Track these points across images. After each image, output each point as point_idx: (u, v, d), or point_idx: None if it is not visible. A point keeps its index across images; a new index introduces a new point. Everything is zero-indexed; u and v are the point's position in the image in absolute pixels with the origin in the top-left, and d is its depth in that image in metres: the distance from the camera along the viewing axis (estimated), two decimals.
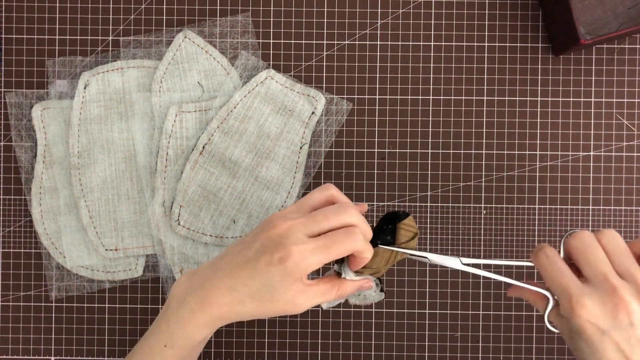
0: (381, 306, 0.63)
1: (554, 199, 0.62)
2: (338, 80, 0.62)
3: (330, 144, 0.62)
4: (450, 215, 0.62)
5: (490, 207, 0.62)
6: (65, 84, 0.62)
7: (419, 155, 0.62)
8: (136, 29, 0.62)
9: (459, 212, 0.62)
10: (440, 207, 0.62)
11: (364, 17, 0.62)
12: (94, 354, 0.63)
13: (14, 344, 0.63)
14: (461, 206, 0.62)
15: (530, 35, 0.62)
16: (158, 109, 0.61)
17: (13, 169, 0.63)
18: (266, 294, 0.47)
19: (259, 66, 0.62)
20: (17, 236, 0.63)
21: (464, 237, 0.62)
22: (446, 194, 0.62)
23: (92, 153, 0.61)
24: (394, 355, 0.62)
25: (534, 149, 0.62)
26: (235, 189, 0.61)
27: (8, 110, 0.62)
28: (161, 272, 0.62)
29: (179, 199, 0.60)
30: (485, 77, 0.62)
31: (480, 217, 0.62)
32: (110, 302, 0.63)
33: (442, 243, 0.62)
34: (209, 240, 0.61)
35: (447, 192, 0.62)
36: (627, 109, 0.62)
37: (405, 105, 0.62)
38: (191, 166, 0.61)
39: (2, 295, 0.63)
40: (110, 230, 0.62)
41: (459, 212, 0.62)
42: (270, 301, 0.47)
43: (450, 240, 0.62)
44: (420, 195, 0.62)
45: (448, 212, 0.62)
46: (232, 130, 0.61)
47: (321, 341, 0.63)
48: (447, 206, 0.62)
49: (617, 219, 0.62)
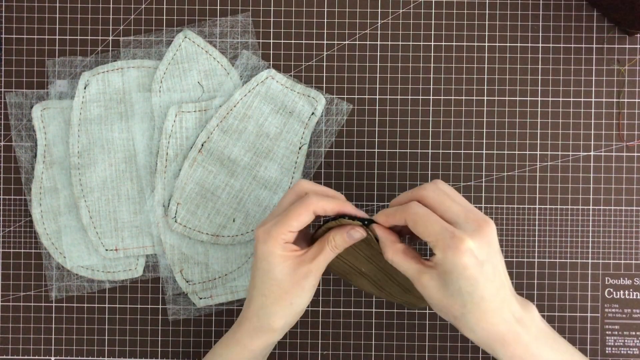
0: (381, 306, 0.62)
1: (554, 199, 0.62)
2: (338, 81, 0.62)
3: (330, 144, 0.62)
4: None
5: (490, 207, 0.62)
6: (65, 84, 0.62)
7: (419, 155, 0.62)
8: (136, 29, 0.62)
9: None
10: None
11: (364, 17, 0.62)
12: (94, 354, 0.63)
13: (14, 344, 0.63)
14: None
15: (531, 35, 0.62)
16: (158, 109, 0.61)
17: (13, 169, 0.63)
18: (270, 284, 0.50)
19: (260, 66, 0.62)
20: (17, 236, 0.63)
21: None
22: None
23: (92, 153, 0.61)
24: (394, 355, 0.62)
25: (534, 149, 0.62)
26: (233, 187, 0.61)
27: (8, 110, 0.62)
28: (161, 272, 0.62)
29: (176, 197, 0.60)
30: (486, 77, 0.62)
31: None
32: (110, 302, 0.63)
33: None
34: (205, 239, 0.61)
35: None
36: (627, 109, 0.62)
37: (405, 105, 0.62)
38: (189, 164, 0.61)
39: (2, 295, 0.63)
40: (110, 230, 0.62)
41: None
42: (279, 287, 0.50)
43: None
44: None
45: None
46: (232, 129, 0.61)
47: (321, 341, 0.63)
48: None
49: (617, 219, 0.62)
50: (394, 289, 0.55)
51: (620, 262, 0.62)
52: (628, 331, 0.62)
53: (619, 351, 0.62)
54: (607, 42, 0.62)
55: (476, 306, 0.47)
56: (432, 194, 0.49)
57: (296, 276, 0.50)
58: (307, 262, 0.50)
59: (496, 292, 0.47)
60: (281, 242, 0.49)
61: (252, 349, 0.53)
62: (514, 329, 0.48)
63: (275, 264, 0.50)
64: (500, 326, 0.47)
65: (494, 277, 0.47)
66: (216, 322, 0.63)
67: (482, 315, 0.47)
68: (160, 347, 0.63)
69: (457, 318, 0.48)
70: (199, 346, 0.63)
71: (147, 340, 0.63)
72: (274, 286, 0.50)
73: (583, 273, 0.62)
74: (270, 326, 0.51)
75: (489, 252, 0.46)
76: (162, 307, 0.63)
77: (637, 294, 0.62)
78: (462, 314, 0.47)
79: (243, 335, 0.53)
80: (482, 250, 0.46)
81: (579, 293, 0.62)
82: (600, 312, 0.62)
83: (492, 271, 0.46)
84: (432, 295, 0.48)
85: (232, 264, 0.62)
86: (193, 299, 0.62)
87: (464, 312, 0.47)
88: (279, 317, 0.51)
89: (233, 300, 0.62)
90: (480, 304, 0.47)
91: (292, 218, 0.49)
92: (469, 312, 0.47)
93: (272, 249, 0.49)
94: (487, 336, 0.48)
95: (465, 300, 0.47)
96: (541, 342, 0.49)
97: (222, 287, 0.62)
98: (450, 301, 0.47)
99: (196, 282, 0.62)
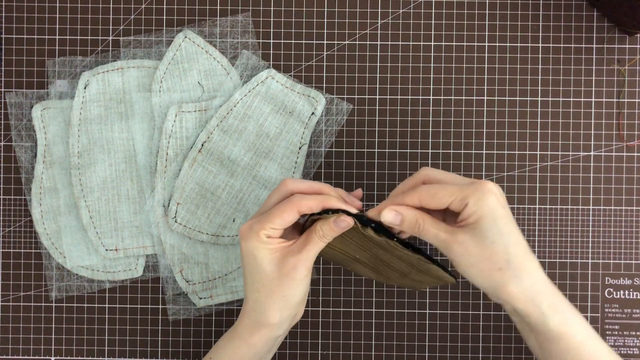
0: (381, 306, 0.62)
1: (554, 199, 0.62)
2: (338, 81, 0.62)
3: (330, 144, 0.62)
4: None
5: None
6: (65, 84, 0.62)
7: (419, 155, 0.62)
8: (136, 29, 0.62)
9: None
10: None
11: (364, 17, 0.62)
12: (94, 354, 0.63)
13: (14, 344, 0.63)
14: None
15: (531, 35, 0.62)
16: (158, 109, 0.61)
17: (13, 169, 0.63)
18: (261, 279, 0.50)
19: (260, 66, 0.62)
20: (17, 236, 0.63)
21: None
22: None
23: (92, 153, 0.61)
24: (394, 355, 0.62)
25: (534, 149, 0.62)
26: (233, 187, 0.61)
27: (8, 110, 0.62)
28: (161, 272, 0.62)
29: (176, 196, 0.60)
30: (486, 77, 0.62)
31: None
32: (110, 302, 0.63)
33: None
34: (205, 239, 0.61)
35: None
36: (627, 109, 0.62)
37: (405, 105, 0.62)
38: (189, 164, 0.61)
39: (2, 295, 0.63)
40: (110, 230, 0.62)
41: None
42: (270, 281, 0.50)
43: None
44: None
45: None
46: (232, 129, 0.61)
47: (321, 341, 0.63)
48: None
49: (617, 219, 0.62)
50: (391, 274, 0.55)
51: (620, 262, 0.62)
52: (628, 331, 0.62)
53: (619, 351, 0.62)
54: (607, 42, 0.62)
55: (518, 246, 0.47)
56: (432, 172, 0.50)
57: (285, 268, 0.50)
58: (295, 252, 0.50)
59: (520, 236, 0.48)
60: (263, 237, 0.49)
61: (252, 344, 0.53)
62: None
63: (261, 258, 0.50)
64: (540, 270, 0.48)
65: (513, 225, 0.48)
66: (216, 322, 0.63)
67: (526, 256, 0.47)
68: (160, 347, 0.63)
69: (502, 269, 0.46)
70: (199, 346, 0.63)
71: (147, 340, 0.63)
72: (264, 279, 0.50)
73: (583, 273, 0.62)
74: (267, 320, 0.51)
75: (503, 203, 0.48)
76: (162, 307, 0.63)
77: (637, 294, 0.62)
78: (506, 261, 0.46)
79: (243, 330, 0.53)
80: (501, 201, 0.47)
81: (579, 293, 0.62)
82: (600, 312, 0.62)
83: (512, 219, 0.48)
84: (471, 251, 0.47)
85: (232, 264, 0.62)
86: (193, 299, 0.62)
87: (509, 259, 0.46)
88: (273, 310, 0.51)
89: (233, 300, 0.62)
90: (518, 244, 0.47)
91: (275, 216, 0.49)
92: (513, 257, 0.46)
93: (255, 244, 0.49)
94: (533, 283, 0.47)
95: (507, 243, 0.46)
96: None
97: (222, 287, 0.62)
98: (493, 249, 0.46)
99: (196, 282, 0.62)
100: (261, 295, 0.51)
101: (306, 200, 0.49)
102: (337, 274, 0.63)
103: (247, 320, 0.53)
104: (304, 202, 0.49)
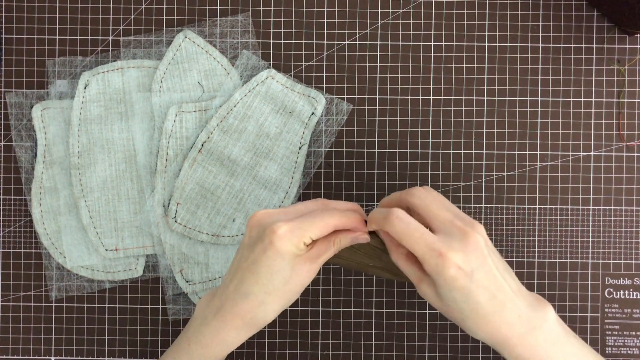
0: (381, 306, 0.62)
1: (554, 199, 0.62)
2: (338, 81, 0.62)
3: (330, 144, 0.62)
4: None
5: (490, 207, 0.62)
6: (65, 84, 0.62)
7: (419, 155, 0.62)
8: (136, 29, 0.62)
9: None
10: None
11: (364, 17, 0.62)
12: (94, 354, 0.63)
13: (14, 344, 0.63)
14: (461, 206, 0.62)
15: (531, 35, 0.62)
16: (158, 109, 0.61)
17: (13, 169, 0.63)
18: (278, 283, 0.49)
19: (260, 66, 0.62)
20: (17, 236, 0.63)
21: None
22: (446, 194, 0.62)
23: (92, 153, 0.61)
24: (394, 355, 0.62)
25: (534, 149, 0.62)
26: (233, 187, 0.61)
27: (8, 110, 0.62)
28: (161, 272, 0.62)
29: (176, 196, 0.60)
30: (486, 77, 0.62)
31: (480, 217, 0.62)
32: (110, 302, 0.63)
33: None
34: (205, 239, 0.61)
35: (448, 192, 0.62)
36: (627, 109, 0.62)
37: (405, 105, 0.62)
38: (189, 164, 0.61)
39: (2, 295, 0.63)
40: (110, 230, 0.62)
41: None
42: (285, 285, 0.49)
43: None
44: None
45: None
46: (232, 129, 0.61)
47: (321, 341, 0.63)
48: None
49: (617, 219, 0.62)
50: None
51: (620, 262, 0.62)
52: (628, 331, 0.62)
53: (619, 351, 0.62)
54: (607, 42, 0.62)
55: (474, 312, 0.47)
56: (418, 201, 0.49)
57: (302, 274, 0.49)
58: (312, 260, 0.50)
59: (493, 296, 0.47)
60: (302, 244, 0.48)
61: (234, 344, 0.51)
62: (519, 331, 0.47)
63: (288, 262, 0.48)
64: (502, 329, 0.47)
65: (488, 283, 0.47)
66: None
67: (481, 320, 0.47)
68: (160, 347, 0.63)
69: (458, 322, 0.49)
70: None
71: (147, 340, 0.63)
72: (280, 282, 0.49)
73: (583, 273, 0.62)
74: (265, 322, 0.51)
75: (478, 259, 0.46)
76: (162, 307, 0.63)
77: (637, 294, 0.62)
78: (462, 319, 0.48)
79: (229, 333, 0.51)
80: (470, 260, 0.46)
81: (579, 293, 0.62)
82: (600, 312, 0.62)
83: (484, 277, 0.47)
84: (431, 302, 0.49)
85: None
86: (193, 299, 0.62)
87: (463, 318, 0.48)
88: (275, 312, 0.50)
89: None
90: (477, 309, 0.47)
91: (317, 227, 0.48)
92: (467, 318, 0.47)
93: (292, 248, 0.48)
94: (490, 339, 0.48)
95: (462, 308, 0.47)
96: (551, 344, 0.48)
97: None
98: (449, 309, 0.48)
99: (196, 282, 0.62)
100: (270, 298, 0.49)
101: (344, 220, 0.49)
102: (337, 274, 0.63)
103: (238, 321, 0.50)
104: (342, 220, 0.49)
